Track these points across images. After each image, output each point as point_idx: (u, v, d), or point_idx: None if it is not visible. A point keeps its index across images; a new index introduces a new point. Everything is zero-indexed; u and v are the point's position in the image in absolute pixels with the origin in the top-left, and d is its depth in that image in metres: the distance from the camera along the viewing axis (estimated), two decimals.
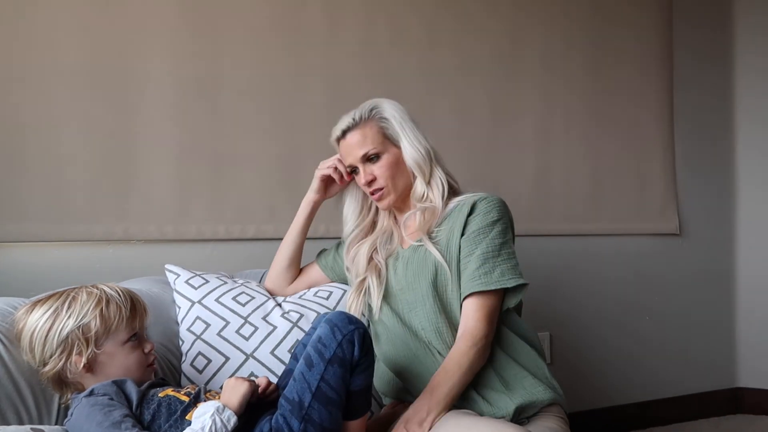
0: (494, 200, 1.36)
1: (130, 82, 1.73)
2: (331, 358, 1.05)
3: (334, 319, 1.10)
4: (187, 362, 1.39)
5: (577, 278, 2.39)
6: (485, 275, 1.27)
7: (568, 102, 2.37)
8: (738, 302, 2.69)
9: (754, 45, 2.68)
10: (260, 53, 1.88)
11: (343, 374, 1.06)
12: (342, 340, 1.06)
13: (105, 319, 1.14)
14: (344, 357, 1.06)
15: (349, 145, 1.42)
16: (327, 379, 1.05)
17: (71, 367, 1.13)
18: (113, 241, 1.71)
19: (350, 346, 1.06)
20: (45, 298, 1.18)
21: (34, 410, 1.17)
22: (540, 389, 1.27)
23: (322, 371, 1.05)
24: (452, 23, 2.17)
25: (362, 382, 1.10)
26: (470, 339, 1.24)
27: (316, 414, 1.04)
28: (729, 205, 2.70)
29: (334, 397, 1.06)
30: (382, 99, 1.45)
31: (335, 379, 1.05)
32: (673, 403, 2.53)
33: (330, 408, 1.05)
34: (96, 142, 1.69)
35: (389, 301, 1.39)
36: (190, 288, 1.48)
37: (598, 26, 2.43)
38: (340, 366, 1.06)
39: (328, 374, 1.05)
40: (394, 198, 1.42)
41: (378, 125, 1.40)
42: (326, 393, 1.05)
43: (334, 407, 1.06)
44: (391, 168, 1.40)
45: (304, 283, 1.57)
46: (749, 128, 2.69)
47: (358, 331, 1.08)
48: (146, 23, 1.74)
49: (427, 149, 1.40)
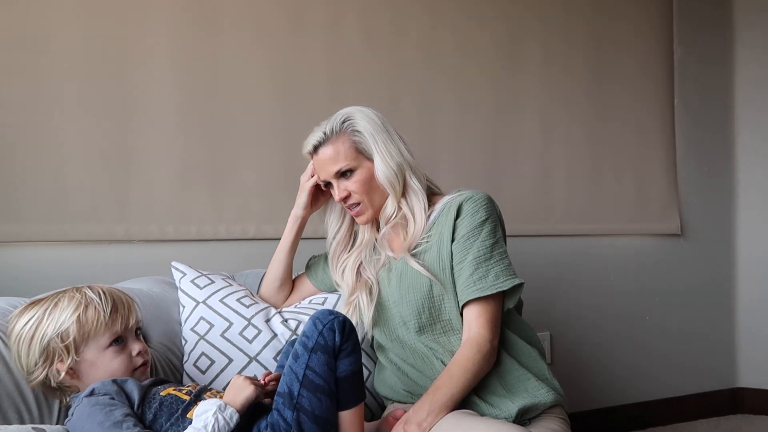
0: (479, 198, 1.32)
1: (132, 84, 1.72)
2: (314, 347, 1.09)
3: (316, 314, 1.13)
4: (190, 362, 1.39)
5: (577, 278, 2.39)
6: (480, 280, 1.26)
7: (569, 102, 2.37)
8: (738, 302, 2.69)
9: (754, 44, 2.68)
10: (261, 54, 1.88)
11: (327, 360, 1.09)
12: (323, 329, 1.09)
13: (82, 325, 1.11)
14: (326, 344, 1.09)
15: (322, 161, 1.37)
16: (312, 366, 1.08)
17: (54, 374, 1.12)
18: (114, 240, 1.71)
19: (331, 333, 1.09)
20: (35, 302, 1.16)
21: (35, 409, 1.17)
22: (542, 392, 1.26)
23: (307, 360, 1.08)
24: (454, 20, 2.17)
25: (348, 368, 1.11)
26: (475, 345, 1.23)
27: (306, 402, 1.07)
28: (730, 205, 2.70)
29: (321, 384, 1.08)
30: (354, 108, 1.38)
31: (320, 365, 1.08)
32: (672, 403, 2.53)
33: (319, 395, 1.08)
34: (97, 142, 1.69)
35: (383, 314, 1.38)
36: (195, 288, 1.48)
37: (599, 26, 2.43)
38: (324, 353, 1.09)
39: (312, 362, 1.08)
40: (372, 213, 1.39)
41: (350, 139, 1.34)
42: (313, 380, 1.08)
43: (323, 394, 1.08)
44: (366, 183, 1.35)
45: (298, 298, 1.56)
46: (750, 128, 2.69)
47: (337, 319, 1.11)
48: (147, 25, 1.74)
49: (400, 164, 1.34)
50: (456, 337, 1.30)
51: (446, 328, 1.32)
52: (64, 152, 1.66)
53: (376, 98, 1.97)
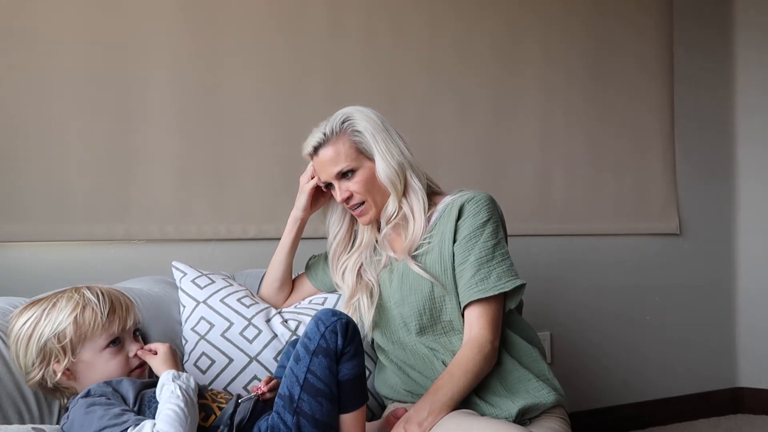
0: (481, 199, 1.33)
1: (132, 83, 1.72)
2: (315, 350, 1.08)
3: (318, 314, 1.12)
4: (191, 362, 1.39)
5: (577, 278, 2.39)
6: (482, 281, 1.26)
7: (569, 102, 2.37)
8: (738, 302, 2.69)
9: (754, 43, 2.68)
10: (261, 51, 1.88)
11: (329, 364, 1.08)
12: (325, 332, 1.08)
13: (79, 326, 1.11)
14: (328, 347, 1.08)
15: (322, 162, 1.36)
16: (313, 370, 1.07)
17: (51, 375, 1.12)
18: (114, 240, 1.71)
19: (333, 336, 1.08)
20: (34, 302, 1.17)
21: (35, 409, 1.17)
22: (543, 392, 1.26)
23: (308, 363, 1.07)
24: (453, 21, 2.17)
25: (350, 371, 1.10)
26: (476, 346, 1.23)
27: (306, 406, 1.06)
28: (730, 204, 2.70)
29: (322, 388, 1.07)
30: (353, 108, 1.37)
31: (321, 369, 1.07)
32: (673, 403, 2.53)
33: (320, 399, 1.07)
34: (97, 142, 1.69)
35: (384, 315, 1.38)
36: (196, 287, 1.48)
37: (599, 25, 2.43)
38: (325, 356, 1.07)
39: (313, 365, 1.07)
40: (375, 213, 1.38)
41: (351, 139, 1.34)
42: (314, 384, 1.07)
43: (324, 398, 1.07)
44: (368, 183, 1.35)
45: (298, 298, 1.56)
46: (750, 127, 2.69)
47: (340, 321, 1.10)
48: (147, 24, 1.74)
49: (401, 163, 1.34)
50: (457, 338, 1.30)
51: (447, 328, 1.32)
52: (65, 152, 1.65)
53: (376, 97, 1.97)
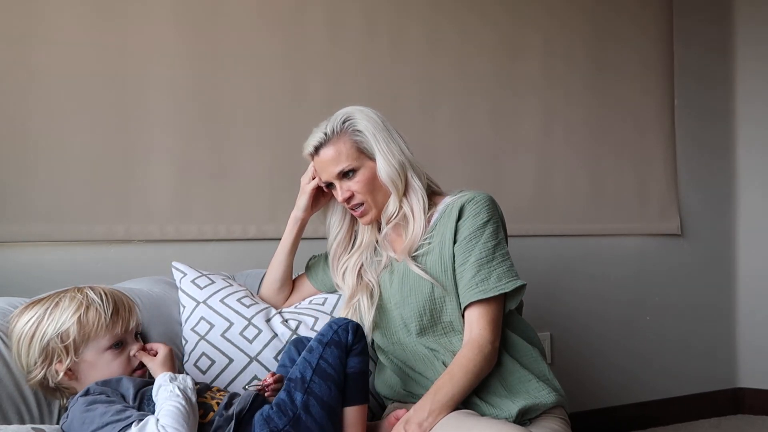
0: (481, 200, 1.32)
1: (132, 83, 1.72)
2: (328, 342, 1.19)
3: (332, 319, 1.24)
4: (191, 362, 1.40)
5: (577, 278, 2.39)
6: (482, 282, 1.26)
7: (569, 103, 2.37)
8: (739, 302, 2.69)
9: (755, 38, 2.67)
10: (261, 52, 1.88)
11: (339, 354, 1.19)
12: (338, 329, 1.20)
13: (83, 326, 1.12)
14: (339, 340, 1.19)
15: (323, 162, 1.36)
16: (326, 357, 1.18)
17: (52, 374, 1.12)
18: (114, 241, 1.71)
19: (345, 332, 1.20)
20: (36, 301, 1.17)
21: (35, 409, 1.18)
22: (544, 393, 1.26)
23: (321, 352, 1.18)
24: (454, 14, 2.17)
25: (357, 365, 1.21)
26: (476, 346, 1.23)
27: (317, 387, 1.15)
28: (730, 205, 2.70)
29: (333, 374, 1.17)
30: (353, 108, 1.38)
31: (333, 357, 1.18)
32: (673, 403, 2.53)
33: (329, 383, 1.16)
34: (97, 143, 1.69)
35: (384, 316, 1.38)
36: (196, 288, 1.48)
37: (600, 21, 2.43)
38: (337, 347, 1.18)
39: (326, 353, 1.18)
40: (376, 213, 1.38)
41: (352, 139, 1.34)
42: (325, 369, 1.17)
43: (333, 383, 1.17)
44: (369, 183, 1.34)
45: (299, 298, 1.56)
46: (750, 128, 2.69)
47: (351, 323, 1.22)
48: (147, 24, 1.74)
49: (401, 163, 1.34)
50: (457, 338, 1.30)
51: (447, 329, 1.32)
52: (65, 152, 1.65)
53: (376, 97, 1.97)
